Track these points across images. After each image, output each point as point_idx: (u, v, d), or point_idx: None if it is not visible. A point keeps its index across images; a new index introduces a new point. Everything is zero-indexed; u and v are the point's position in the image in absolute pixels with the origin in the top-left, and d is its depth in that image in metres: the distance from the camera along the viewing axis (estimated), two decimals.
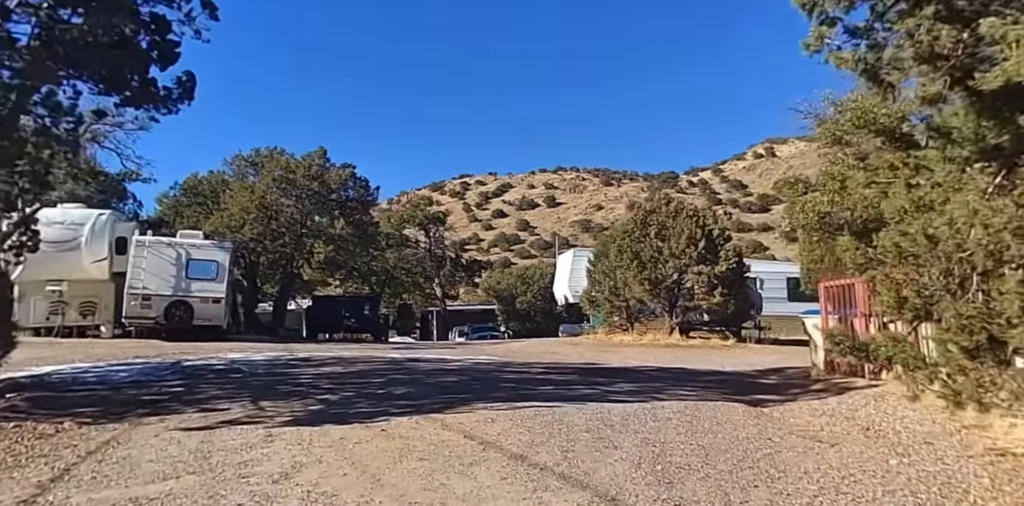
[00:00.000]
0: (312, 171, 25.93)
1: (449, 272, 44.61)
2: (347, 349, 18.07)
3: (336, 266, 28.20)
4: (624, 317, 23.80)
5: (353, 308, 27.38)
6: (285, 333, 26.55)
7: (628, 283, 21.95)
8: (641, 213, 22.09)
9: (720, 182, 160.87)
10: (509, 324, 46.94)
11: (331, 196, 27.05)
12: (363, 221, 28.97)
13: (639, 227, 21.79)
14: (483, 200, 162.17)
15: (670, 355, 18.05)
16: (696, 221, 21.04)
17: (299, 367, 12.52)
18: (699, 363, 16.08)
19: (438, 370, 12.45)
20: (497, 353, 17.84)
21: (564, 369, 13.74)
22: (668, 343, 20.95)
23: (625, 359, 17.05)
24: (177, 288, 19.19)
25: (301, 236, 24.98)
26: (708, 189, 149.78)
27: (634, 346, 20.76)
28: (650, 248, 21.41)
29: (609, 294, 23.41)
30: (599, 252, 25.02)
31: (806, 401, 10.13)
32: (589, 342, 22.72)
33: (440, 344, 25.09)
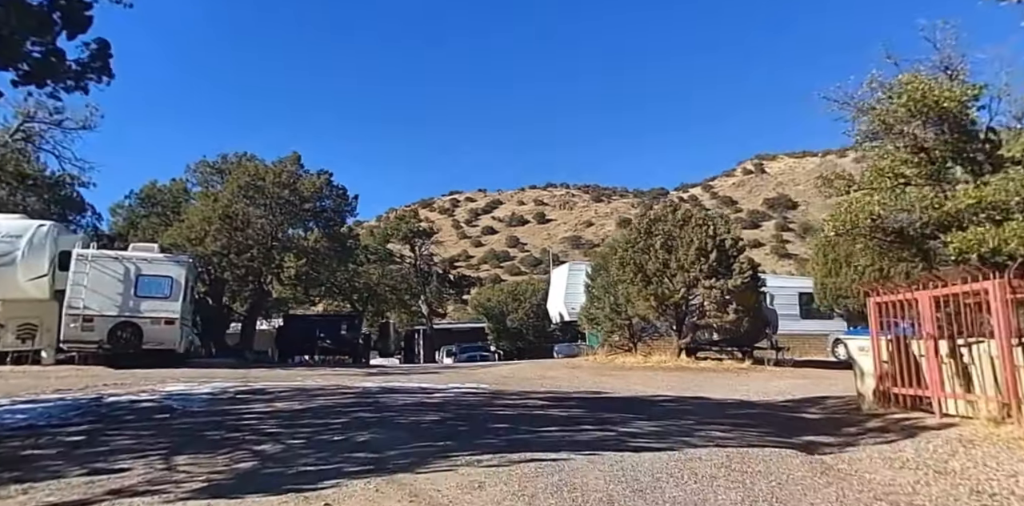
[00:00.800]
0: (283, 178, 23.93)
1: (436, 288, 42.48)
2: (316, 376, 16.02)
3: (310, 282, 26.05)
4: (626, 337, 21.85)
5: (329, 328, 25.25)
6: (253, 356, 24.39)
7: (631, 299, 20.05)
8: (645, 221, 20.25)
9: (710, 198, 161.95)
10: (499, 343, 44.78)
11: (304, 206, 25.02)
12: (341, 233, 26.92)
13: (643, 237, 19.94)
14: (473, 217, 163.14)
15: (682, 381, 16.14)
16: (706, 230, 19.23)
17: (247, 402, 10.46)
18: (718, 391, 14.16)
19: (416, 405, 10.44)
20: (487, 379, 15.86)
21: (566, 400, 11.79)
22: (677, 366, 19.01)
23: (632, 386, 15.12)
24: (124, 308, 17.12)
25: (271, 249, 22.87)
26: (698, 205, 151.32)
27: (639, 369, 18.81)
28: (655, 260, 19.55)
29: (610, 311, 21.49)
30: (598, 265, 23.14)
31: (873, 446, 8.18)
32: (589, 364, 20.75)
33: (424, 368, 22.99)
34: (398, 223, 39.95)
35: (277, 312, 29.35)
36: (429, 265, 41.87)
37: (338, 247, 26.08)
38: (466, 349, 39.49)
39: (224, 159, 25.56)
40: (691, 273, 19.15)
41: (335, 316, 29.01)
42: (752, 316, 19.14)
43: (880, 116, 10.53)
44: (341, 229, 27.38)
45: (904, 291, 9.85)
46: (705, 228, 19.40)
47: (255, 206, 23.84)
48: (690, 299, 19.86)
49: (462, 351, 39.35)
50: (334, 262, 26.08)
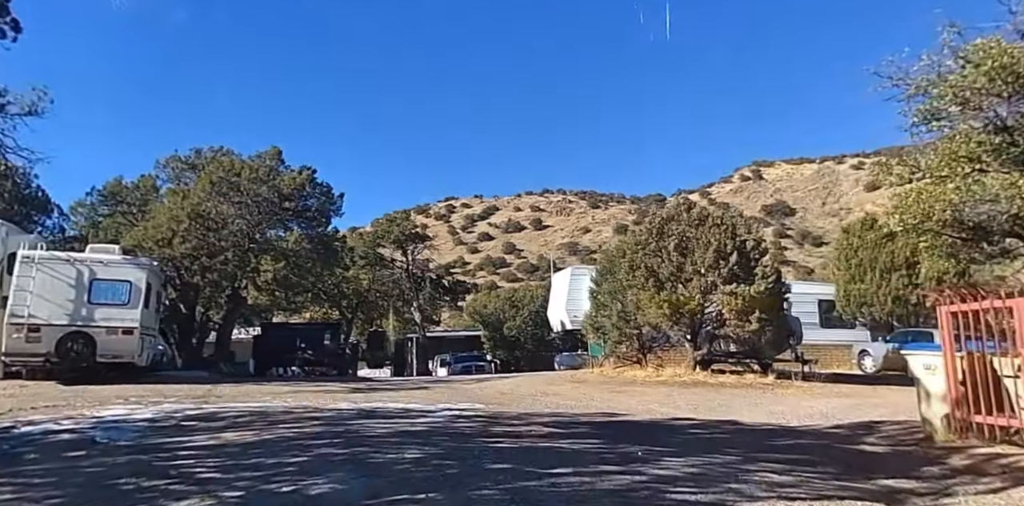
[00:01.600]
0: (260, 174, 22.10)
1: (429, 295, 40.57)
2: (289, 393, 14.22)
3: (290, 287, 24.17)
4: (636, 347, 20.07)
5: (311, 338, 23.40)
6: (229, 369, 22.55)
7: (642, 306, 18.30)
8: (657, 221, 18.51)
9: (708, 204, 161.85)
10: (496, 352, 42.89)
11: (285, 204, 23.19)
12: (325, 234, 25.09)
13: (655, 238, 18.22)
14: (469, 223, 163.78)
15: (703, 399, 14.39)
16: (726, 231, 17.54)
17: (191, 432, 8.66)
18: (748, 411, 12.42)
19: (396, 435, 8.65)
20: (483, 397, 14.13)
21: (576, 426, 10.04)
22: (693, 381, 17.27)
23: (648, 405, 13.38)
24: (76, 316, 15.31)
25: (247, 251, 21.05)
26: None
27: (652, 385, 17.05)
28: (669, 264, 17.82)
29: (617, 319, 19.74)
30: (603, 269, 21.40)
31: (974, 496, 6.44)
32: (595, 378, 18.98)
33: (414, 382, 21.16)
34: (389, 225, 38.08)
35: (259, 320, 27.45)
36: (422, 270, 39.97)
37: (321, 249, 24.24)
38: (461, 359, 37.62)
39: (198, 154, 23.67)
40: (708, 278, 17.42)
41: (317, 325, 27.10)
42: (776, 325, 17.37)
43: (953, 88, 8.77)
44: (326, 230, 25.57)
45: (992, 298, 8.09)
46: (724, 228, 17.70)
47: (230, 204, 22.00)
48: (706, 306, 18.11)
49: (457, 361, 37.49)
50: (317, 266, 24.25)
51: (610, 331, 20.25)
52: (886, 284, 21.76)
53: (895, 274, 21.73)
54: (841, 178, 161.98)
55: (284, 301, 24.76)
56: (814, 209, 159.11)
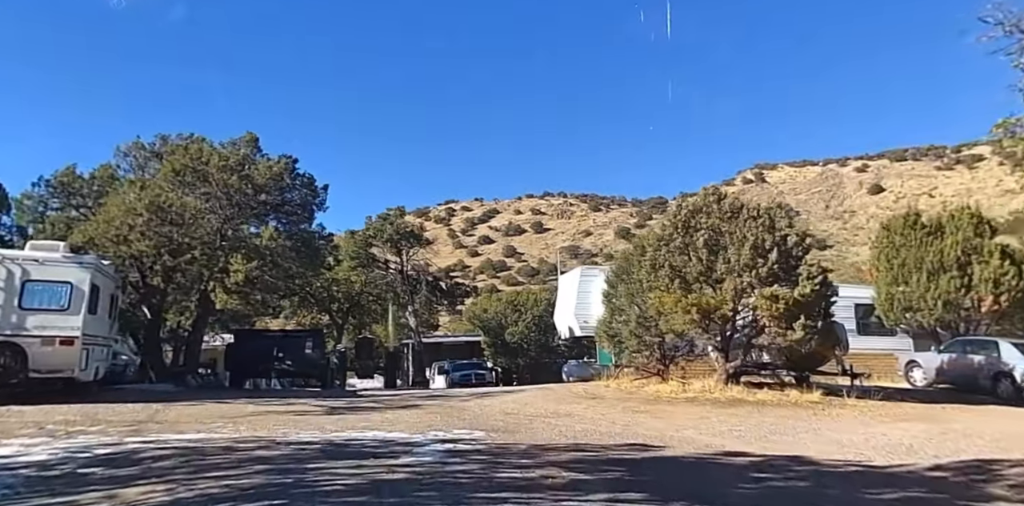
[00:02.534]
0: (231, 162, 19.70)
1: (425, 298, 38.12)
2: (248, 416, 11.89)
3: (266, 289, 21.74)
4: (657, 357, 17.71)
5: (289, 346, 21.02)
6: (198, 381, 20.20)
7: (665, 311, 15.96)
8: (683, 213, 16.17)
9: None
10: (497, 359, 40.44)
11: (260, 197, 20.81)
12: (305, 231, 22.68)
13: (681, 233, 15.90)
14: (469, 226, 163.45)
15: (746, 423, 12.06)
16: (763, 224, 15.20)
17: (81, 486, 6.31)
18: (811, 442, 10.13)
19: (364, 491, 6.23)
20: (483, 420, 11.83)
21: (606, 469, 7.71)
22: (728, 398, 14.93)
23: (683, 430, 11.06)
24: (3, 324, 12.93)
25: (217, 249, 18.67)
26: None
27: (680, 402, 14.70)
28: (697, 262, 15.50)
29: (636, 326, 17.39)
30: (620, 269, 19.05)
31: None
32: (612, 393, 16.64)
33: (405, 396, 18.75)
34: (382, 223, 35.65)
35: (238, 326, 24.98)
36: (418, 272, 37.55)
37: (301, 247, 21.83)
38: (460, 367, 35.20)
39: (164, 141, 21.24)
40: (743, 278, 15.09)
41: (298, 332, 24.63)
42: (822, 333, 15.02)
43: None
44: (309, 226, 23.17)
45: None
46: (761, 221, 15.37)
47: (196, 196, 19.63)
48: (740, 311, 15.77)
49: (455, 369, 35.08)
50: (296, 265, 21.85)
51: (627, 339, 17.90)
52: (935, 287, 19.38)
53: (945, 275, 19.35)
54: (845, 180, 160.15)
55: (260, 305, 22.30)
56: (817, 212, 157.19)
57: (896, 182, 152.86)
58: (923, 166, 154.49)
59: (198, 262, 18.22)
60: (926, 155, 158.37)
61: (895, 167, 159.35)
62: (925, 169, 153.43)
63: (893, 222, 21.69)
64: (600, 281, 24.38)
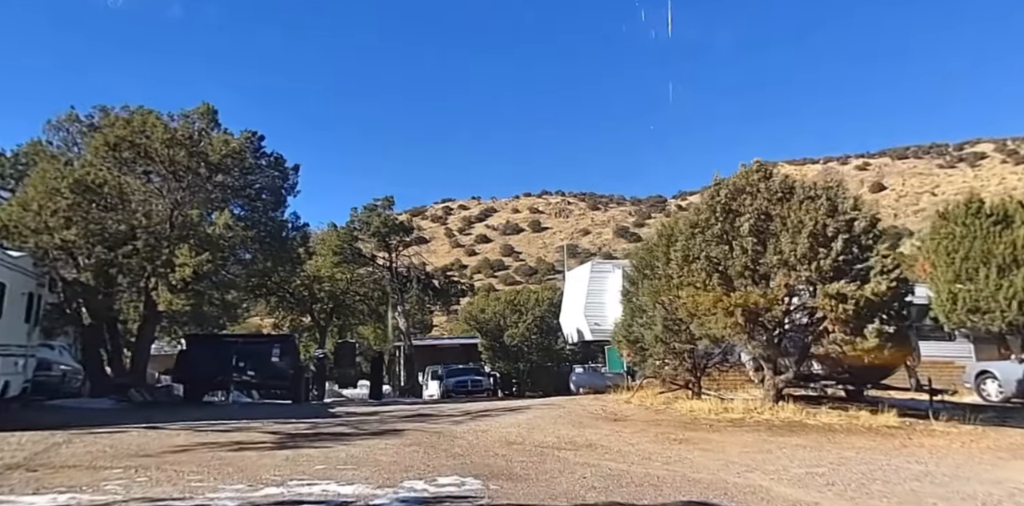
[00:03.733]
0: (179, 136, 16.55)
1: (417, 297, 35.10)
2: (167, 454, 9.04)
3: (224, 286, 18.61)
4: (688, 367, 14.81)
5: (252, 354, 18.02)
6: (144, 396, 17.23)
7: (700, 312, 13.09)
8: (724, 194, 13.25)
9: None
10: (496, 364, 37.48)
11: (216, 177, 17.71)
12: (273, 219, 19.59)
13: (720, 218, 13.01)
14: (466, 225, 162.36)
15: (830, 460, 9.20)
16: (823, 206, 12.29)
17: None
18: (932, 492, 7.26)
19: None
20: (480, 456, 9.02)
21: None
22: (784, 420, 12.05)
23: (749, 475, 8.19)
24: None
25: (163, 239, 15.63)
26: None
27: (725, 426, 11.83)
28: (742, 253, 12.64)
29: (663, 330, 14.47)
30: (642, 262, 16.13)
31: None
32: (637, 412, 13.75)
33: (387, 413, 15.78)
34: (368, 215, 32.57)
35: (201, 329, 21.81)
36: (408, 268, 34.52)
37: (267, 238, 18.73)
38: (455, 372, 32.28)
39: (105, 113, 18.04)
40: (800, 272, 12.19)
41: (263, 337, 21.48)
42: (897, 340, 12.13)
43: None
44: (280, 214, 20.06)
45: None
46: (820, 203, 12.45)
47: (134, 175, 16.57)
48: (793, 313, 12.88)
49: (450, 375, 32.16)
50: (259, 257, 18.79)
51: (652, 345, 15.00)
52: (1007, 284, 16.52)
53: (1020, 271, 16.49)
54: (846, 178, 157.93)
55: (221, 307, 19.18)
56: None
57: (898, 180, 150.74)
58: (925, 164, 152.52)
59: (140, 255, 15.20)
60: (928, 153, 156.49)
61: (897, 165, 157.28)
62: (927, 167, 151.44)
63: (952, 210, 18.83)
64: (614, 277, 21.54)
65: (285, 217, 20.38)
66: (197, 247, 15.34)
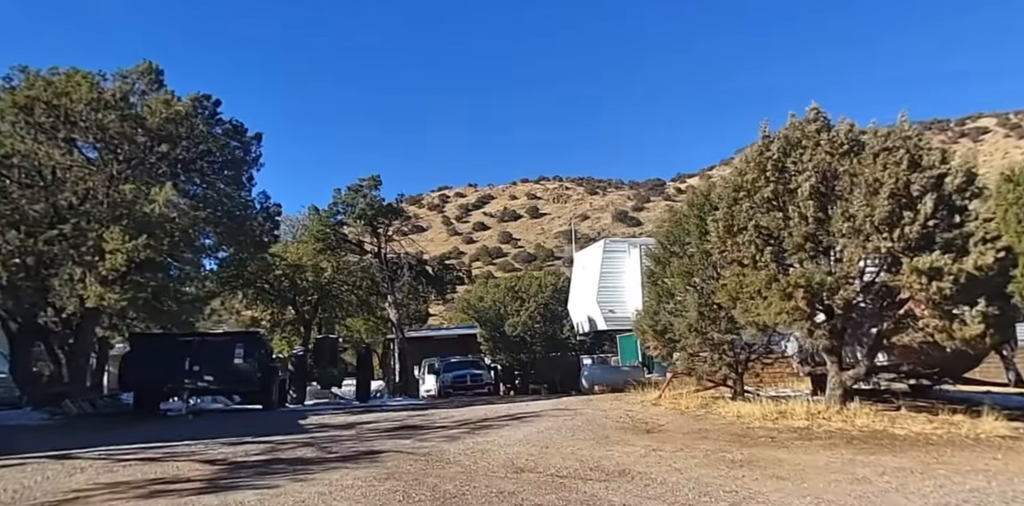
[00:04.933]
0: (109, 97, 13.69)
1: (409, 286, 32.40)
2: (61, 497, 6.35)
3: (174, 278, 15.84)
4: (728, 362, 12.29)
5: (209, 354, 15.38)
6: (80, 407, 14.67)
7: (745, 295, 10.58)
8: (775, 148, 10.66)
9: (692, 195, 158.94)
10: (496, 356, 34.95)
11: (159, 147, 14.89)
12: (230, 197, 16.74)
13: (772, 178, 10.45)
14: (463, 213, 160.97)
15: (949, 492, 6.61)
16: (902, 160, 9.71)
17: None
18: None
19: None
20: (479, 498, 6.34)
21: None
22: (861, 429, 9.58)
23: None
24: None
25: (90, 221, 12.96)
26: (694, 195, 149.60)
27: (787, 437, 9.37)
28: (801, 221, 10.10)
29: (698, 318, 11.93)
30: (670, 237, 13.54)
31: None
32: (670, 418, 11.27)
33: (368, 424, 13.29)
34: (353, 196, 29.73)
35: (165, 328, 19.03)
36: (398, 254, 31.83)
37: (223, 219, 15.95)
38: (453, 366, 29.76)
39: (27, 74, 14.98)
40: (878, 242, 9.63)
41: (223, 335, 18.70)
42: (1001, 325, 9.61)
43: None
44: (240, 192, 17.27)
45: None
46: (900, 156, 9.85)
47: (54, 143, 13.81)
48: (869, 293, 10.37)
49: (447, 369, 29.64)
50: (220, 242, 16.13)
51: (684, 336, 12.46)
52: None
53: None
54: None
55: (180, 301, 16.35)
56: None
57: None
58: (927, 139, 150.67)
59: (67, 241, 12.55)
60: (930, 129, 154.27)
61: None
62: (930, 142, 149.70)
63: (1021, 172, 16.24)
64: (631, 257, 19.02)
65: (252, 196, 17.78)
66: (132, 229, 12.71)
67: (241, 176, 17.26)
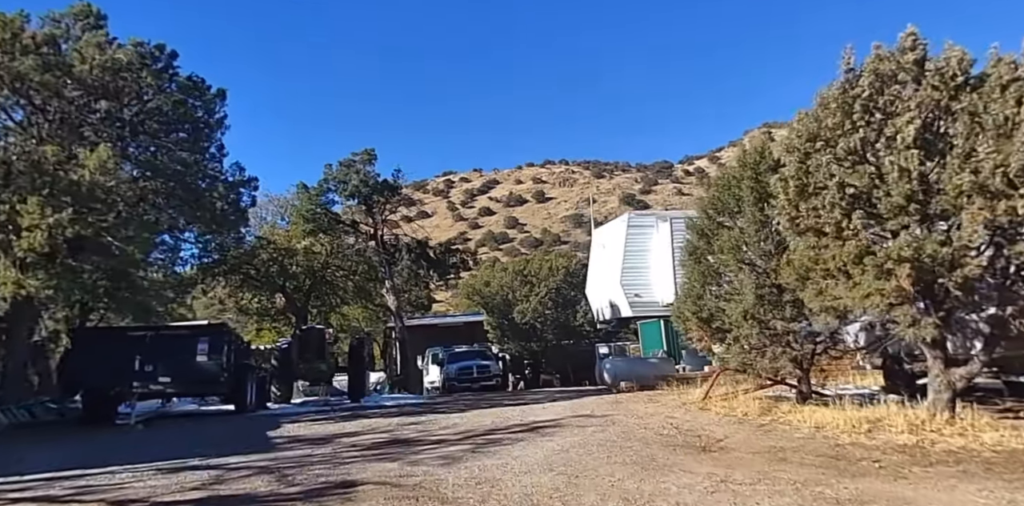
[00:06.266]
0: (25, 38, 11.15)
1: (409, 270, 29.88)
2: None
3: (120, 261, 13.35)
4: (792, 356, 9.90)
5: (166, 351, 13.05)
6: (13, 416, 12.43)
7: (816, 272, 8.21)
8: (865, 83, 8.17)
9: (717, 170, 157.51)
10: (504, 345, 32.60)
11: (96, 105, 12.31)
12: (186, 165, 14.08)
13: (861, 121, 8.01)
14: (468, 198, 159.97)
15: None
16: None
17: None
18: None
19: None
20: None
21: None
22: (993, 447, 7.24)
23: None
24: None
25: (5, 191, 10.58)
26: (705, 178, 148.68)
27: (899, 463, 7.07)
28: (902, 177, 7.65)
29: (755, 302, 9.55)
30: (717, 204, 11.06)
31: None
32: (724, 428, 8.96)
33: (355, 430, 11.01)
34: (346, 172, 27.02)
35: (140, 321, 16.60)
36: (396, 236, 29.34)
37: (177, 190, 13.42)
38: (458, 357, 27.46)
39: None
40: (1014, 201, 7.21)
41: (184, 329, 16.14)
42: None
43: None
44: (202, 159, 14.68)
45: None
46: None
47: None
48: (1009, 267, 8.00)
49: (453, 359, 27.36)
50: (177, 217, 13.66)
51: (738, 325, 10.07)
52: None
53: None
54: None
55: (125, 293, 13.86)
56: None
57: None
58: None
59: None
60: None
61: None
62: None
63: None
64: (660, 232, 16.56)
65: (223, 168, 15.25)
66: (56, 201, 10.34)
67: (201, 140, 14.70)
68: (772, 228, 9.97)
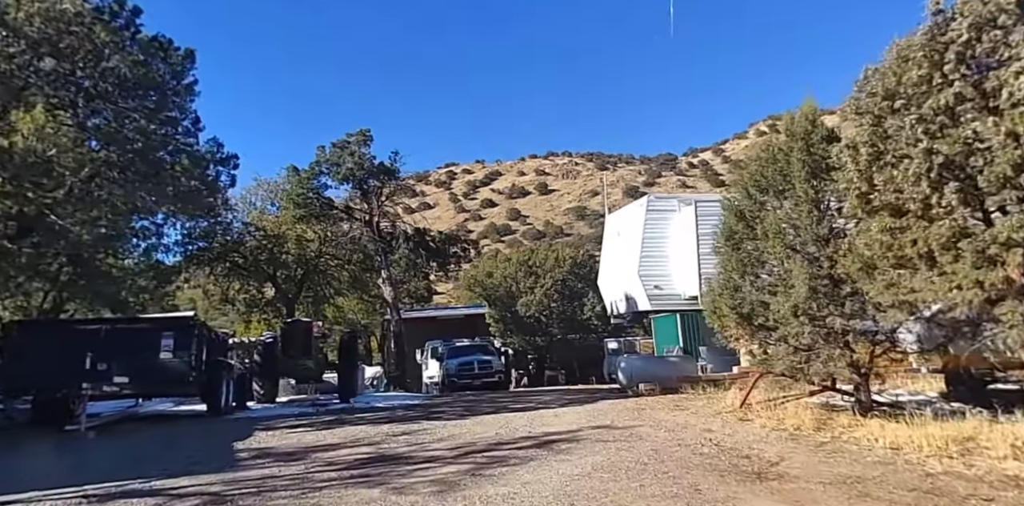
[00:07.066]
0: None
1: (407, 259, 28.21)
2: None
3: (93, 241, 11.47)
4: (850, 360, 8.36)
5: (125, 348, 11.53)
6: None
7: (889, 259, 6.62)
8: (966, 25, 6.55)
9: (722, 162, 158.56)
10: (507, 339, 31.05)
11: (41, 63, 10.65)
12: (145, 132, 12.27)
13: (951, 75, 6.40)
14: (471, 189, 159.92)
15: None
16: None
17: None
18: None
19: None
20: None
21: None
22: None
23: None
24: None
25: None
26: (710, 170, 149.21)
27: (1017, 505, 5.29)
28: (1009, 138, 6.00)
29: (808, 296, 8.00)
30: (759, 181, 9.44)
31: None
32: (778, 449, 7.38)
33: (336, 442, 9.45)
34: (339, 154, 25.30)
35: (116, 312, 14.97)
36: (393, 222, 27.69)
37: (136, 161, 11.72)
38: (458, 351, 25.94)
39: None
40: None
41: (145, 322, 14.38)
42: None
43: None
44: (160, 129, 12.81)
45: None
46: None
47: None
48: None
49: (453, 354, 25.83)
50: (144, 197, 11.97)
51: (786, 322, 8.53)
52: None
53: None
54: None
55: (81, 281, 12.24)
56: None
57: None
58: None
59: None
60: None
61: None
62: None
63: None
64: (682, 217, 15.01)
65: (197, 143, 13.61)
66: None
67: (167, 108, 13.06)
68: (828, 208, 8.42)
